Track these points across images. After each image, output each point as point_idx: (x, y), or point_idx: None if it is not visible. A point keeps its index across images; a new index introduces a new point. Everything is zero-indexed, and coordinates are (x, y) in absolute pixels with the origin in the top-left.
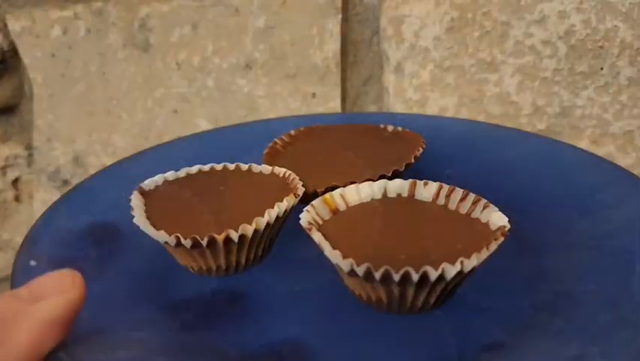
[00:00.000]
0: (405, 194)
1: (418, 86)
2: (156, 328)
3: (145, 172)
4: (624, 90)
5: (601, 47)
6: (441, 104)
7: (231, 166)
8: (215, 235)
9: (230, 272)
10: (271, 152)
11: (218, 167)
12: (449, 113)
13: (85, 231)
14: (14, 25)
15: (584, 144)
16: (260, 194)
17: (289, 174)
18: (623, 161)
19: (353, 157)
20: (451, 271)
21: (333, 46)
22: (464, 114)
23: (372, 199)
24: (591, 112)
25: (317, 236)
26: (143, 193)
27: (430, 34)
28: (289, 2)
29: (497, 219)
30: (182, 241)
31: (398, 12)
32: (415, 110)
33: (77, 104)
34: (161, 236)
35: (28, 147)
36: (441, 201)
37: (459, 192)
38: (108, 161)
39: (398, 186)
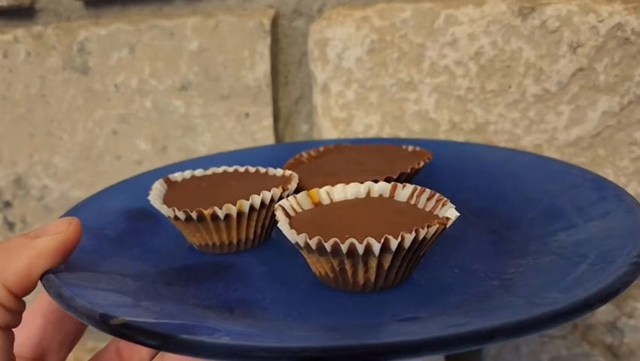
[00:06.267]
0: (386, 195)
1: (343, 105)
2: (141, 277)
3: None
4: (532, 107)
5: (508, 67)
6: (366, 122)
7: (252, 169)
8: (203, 210)
9: (224, 251)
10: (294, 162)
11: (241, 169)
12: (374, 130)
13: (121, 210)
14: None
15: None
16: (261, 188)
17: (291, 174)
18: None
19: (364, 167)
20: (375, 245)
21: (263, 67)
22: (388, 131)
23: (356, 198)
24: (503, 127)
25: (279, 214)
26: (168, 182)
27: (353, 55)
28: (221, 26)
29: (449, 213)
30: (177, 213)
31: (323, 35)
32: (342, 128)
33: (18, 126)
34: (164, 210)
35: None
36: (413, 200)
37: (427, 193)
38: (50, 182)
39: (381, 188)
